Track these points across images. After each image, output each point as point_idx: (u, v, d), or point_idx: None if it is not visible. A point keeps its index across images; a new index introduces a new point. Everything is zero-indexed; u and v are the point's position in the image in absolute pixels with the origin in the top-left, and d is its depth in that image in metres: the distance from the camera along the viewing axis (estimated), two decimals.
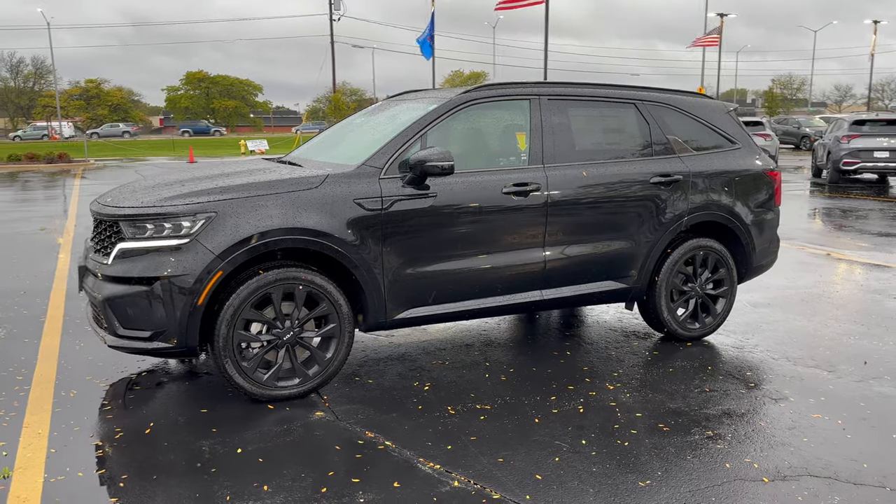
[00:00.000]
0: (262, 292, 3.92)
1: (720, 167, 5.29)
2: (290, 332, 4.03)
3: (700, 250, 5.22)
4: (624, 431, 3.75)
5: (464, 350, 5.06)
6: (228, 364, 3.90)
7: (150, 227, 3.84)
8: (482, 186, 4.45)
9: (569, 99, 4.90)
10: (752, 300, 6.50)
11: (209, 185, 4.03)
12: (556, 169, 4.70)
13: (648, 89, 5.31)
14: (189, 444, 3.55)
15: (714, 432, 3.75)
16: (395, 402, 4.10)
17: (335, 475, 3.26)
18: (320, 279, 4.05)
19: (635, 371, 4.66)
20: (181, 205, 3.86)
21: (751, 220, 5.39)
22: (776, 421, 3.91)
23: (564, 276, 4.79)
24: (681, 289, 5.24)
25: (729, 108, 5.62)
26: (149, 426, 3.76)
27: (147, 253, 3.82)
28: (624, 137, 5.13)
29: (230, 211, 3.87)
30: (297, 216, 3.96)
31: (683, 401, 4.17)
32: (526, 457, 3.45)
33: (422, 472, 3.30)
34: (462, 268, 4.43)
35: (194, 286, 3.77)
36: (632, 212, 4.93)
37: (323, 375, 4.15)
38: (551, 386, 4.37)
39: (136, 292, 3.80)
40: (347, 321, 4.16)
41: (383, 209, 4.17)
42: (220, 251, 3.80)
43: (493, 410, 3.99)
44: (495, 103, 4.74)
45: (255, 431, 3.69)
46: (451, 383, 4.40)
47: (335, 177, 4.16)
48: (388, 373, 4.59)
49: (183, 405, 4.05)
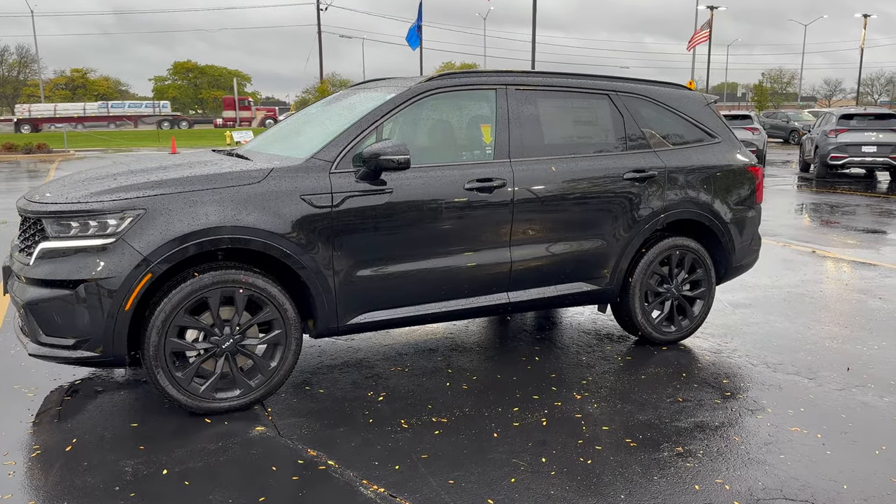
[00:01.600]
0: (198, 296, 3.61)
1: (698, 162, 5.01)
2: (229, 339, 3.73)
3: (676, 250, 4.94)
4: (588, 447, 3.47)
5: (426, 355, 4.77)
6: (160, 374, 3.59)
7: (75, 224, 3.52)
8: (443, 181, 4.15)
9: (538, 89, 4.60)
10: (733, 300, 6.24)
11: (141, 180, 3.70)
12: (524, 163, 4.40)
13: (623, 80, 5.02)
14: (111, 463, 3.25)
15: (685, 448, 3.48)
16: (344, 415, 3.80)
17: (266, 500, 2.96)
18: (263, 282, 3.74)
19: (605, 378, 4.38)
20: (107, 201, 3.54)
21: (730, 217, 5.12)
22: (752, 435, 3.64)
23: (532, 277, 4.50)
24: (656, 290, 4.96)
25: (709, 101, 5.34)
26: (71, 443, 3.45)
27: (71, 253, 3.50)
28: (596, 130, 4.85)
29: (161, 208, 3.55)
30: (235, 214, 3.64)
31: (654, 412, 3.90)
32: (479, 478, 3.17)
33: (363, 496, 3.01)
34: (421, 269, 4.13)
35: (120, 290, 3.46)
36: (604, 209, 4.65)
37: (267, 386, 3.85)
38: (515, 395, 4.09)
39: (58, 296, 3.48)
40: (294, 327, 3.86)
41: (333, 206, 3.87)
42: (149, 252, 3.48)
43: (449, 424, 3.71)
44: (458, 93, 4.43)
45: (185, 449, 3.39)
46: (409, 393, 4.11)
47: (281, 171, 3.85)
48: (341, 381, 4.30)
49: (113, 418, 3.74)
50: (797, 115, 36.64)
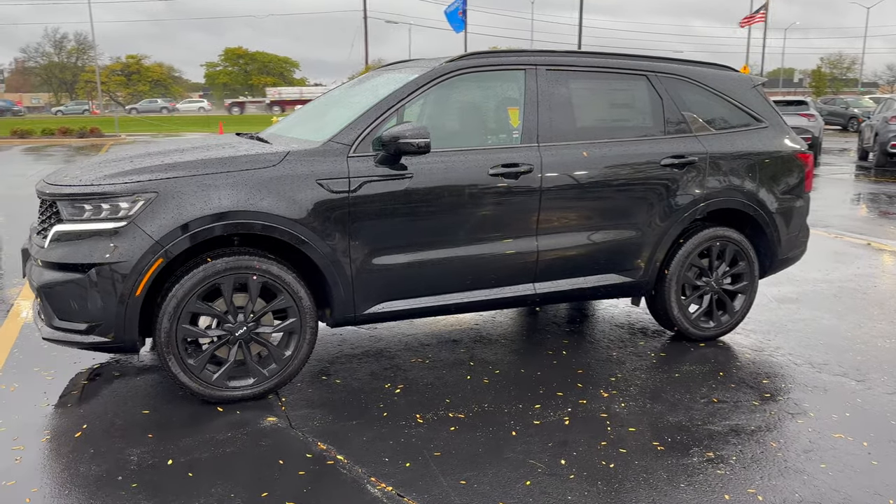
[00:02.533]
0: (210, 283, 3.52)
1: (743, 148, 4.72)
2: (243, 326, 3.63)
3: (717, 241, 4.67)
4: (611, 450, 3.27)
5: (449, 346, 4.61)
6: (172, 361, 3.52)
7: (88, 207, 3.46)
8: (466, 167, 3.97)
9: (571, 69, 4.37)
10: (779, 295, 5.92)
11: (155, 162, 3.62)
12: (553, 148, 4.19)
13: (663, 60, 4.75)
14: (118, 451, 3.18)
15: (716, 454, 3.25)
16: (359, 407, 3.68)
17: (269, 496, 2.85)
18: (277, 269, 3.63)
19: (636, 376, 4.16)
20: (120, 184, 3.46)
21: (776, 207, 4.81)
22: (791, 441, 3.40)
23: (560, 268, 4.29)
24: (694, 283, 4.70)
25: (756, 83, 5.02)
26: (81, 428, 3.40)
27: (83, 237, 3.44)
28: (633, 113, 4.60)
29: (173, 191, 3.46)
30: (248, 198, 3.53)
31: (686, 413, 3.67)
32: (493, 479, 3.01)
33: (369, 495, 2.88)
34: (442, 258, 3.97)
35: (131, 275, 3.38)
36: (639, 197, 4.40)
37: (281, 375, 3.74)
38: (538, 391, 3.90)
39: (71, 280, 3.43)
40: (309, 315, 3.74)
41: (350, 191, 3.72)
42: (160, 236, 3.39)
43: (466, 420, 3.55)
44: (485, 73, 4.23)
45: (194, 439, 3.31)
46: (427, 386, 3.96)
47: (297, 154, 3.72)
48: (360, 371, 4.17)
49: (126, 405, 3.68)
50: (857, 101, 35.15)
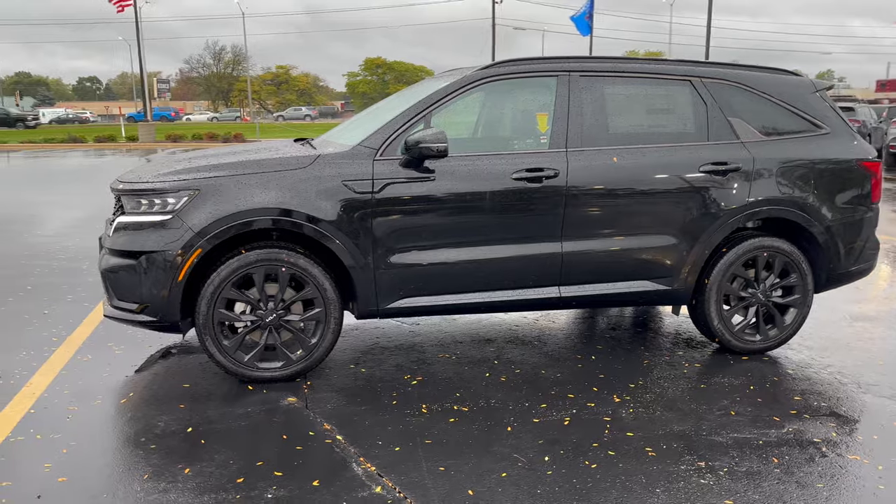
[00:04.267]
0: (243, 272, 3.89)
1: (797, 155, 4.54)
2: (273, 313, 3.97)
3: (764, 251, 4.52)
4: (600, 452, 3.31)
5: (481, 345, 4.76)
6: (208, 341, 3.92)
7: (144, 202, 3.93)
8: (489, 171, 4.11)
9: (606, 75, 4.40)
10: (857, 312, 5.58)
11: (203, 163, 4.04)
12: (581, 154, 4.24)
13: (710, 65, 4.66)
14: (150, 417, 3.60)
15: (708, 464, 3.21)
16: (373, 395, 3.91)
17: (263, 465, 3.14)
18: (305, 262, 3.94)
19: (658, 384, 4.12)
20: (169, 181, 3.90)
21: (835, 218, 4.58)
22: (796, 458, 3.28)
23: (587, 273, 4.33)
24: (738, 294, 4.57)
25: (818, 87, 4.79)
26: (128, 396, 3.87)
27: (138, 227, 3.91)
28: (672, 119, 4.55)
29: (213, 189, 3.86)
30: (279, 196, 3.87)
31: (695, 423, 3.62)
32: (472, 468, 3.14)
33: (352, 472, 3.10)
34: (462, 258, 4.13)
35: (174, 262, 3.81)
36: (673, 204, 4.35)
37: (308, 360, 4.05)
38: (550, 392, 3.97)
39: (126, 265, 3.90)
40: (334, 306, 4.02)
41: (374, 192, 3.98)
42: (199, 228, 3.80)
43: (468, 413, 3.69)
44: (516, 80, 4.35)
45: (217, 412, 3.68)
46: (444, 380, 4.14)
47: (327, 157, 4.03)
48: (387, 362, 4.41)
49: (173, 378, 4.13)
50: None
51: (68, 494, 2.90)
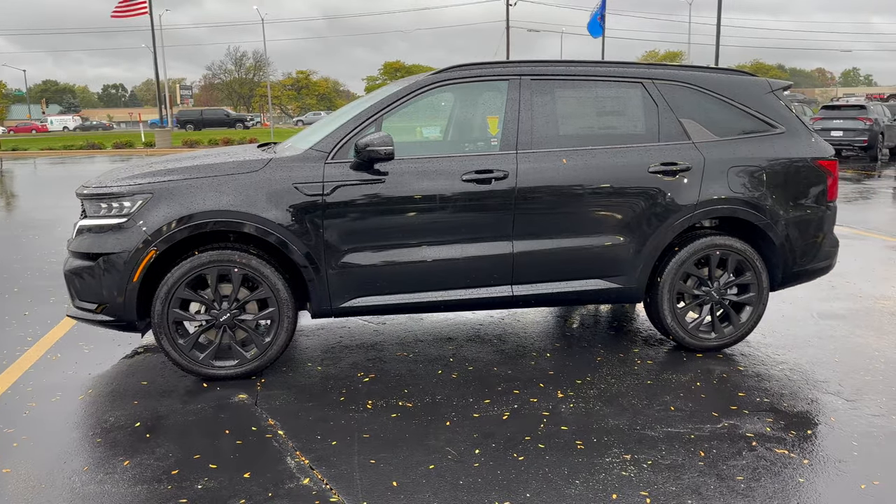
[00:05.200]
0: (197, 273, 4.02)
1: (749, 155, 4.58)
2: (226, 313, 4.10)
3: (716, 249, 4.57)
4: (531, 445, 3.39)
5: (441, 343, 4.86)
6: (164, 340, 4.06)
7: (103, 206, 4.08)
8: (439, 173, 4.21)
9: (557, 79, 4.49)
10: (826, 310, 5.59)
11: (160, 168, 4.19)
12: (530, 155, 4.33)
13: (663, 66, 4.72)
14: (102, 413, 3.75)
15: (634, 457, 3.28)
16: (323, 392, 4.03)
17: (200, 458, 3.27)
18: (257, 262, 4.07)
19: (605, 380, 4.19)
20: (126, 186, 4.06)
21: (790, 216, 4.62)
22: (722, 452, 3.33)
23: (539, 272, 4.41)
24: (692, 292, 4.62)
25: (774, 87, 4.83)
26: (87, 392, 4.02)
27: (97, 231, 4.06)
28: (623, 121, 4.61)
29: (166, 192, 4.00)
30: (228, 199, 4.00)
31: (631, 418, 3.69)
32: (402, 461, 3.24)
33: (284, 466, 3.22)
34: (414, 258, 4.23)
35: (129, 264, 3.95)
36: (623, 204, 4.42)
37: (262, 359, 4.18)
38: (496, 388, 4.06)
39: (86, 266, 4.06)
40: (287, 306, 4.14)
41: (324, 194, 4.10)
42: (153, 231, 3.94)
43: (411, 409, 3.79)
44: (467, 84, 4.45)
45: (167, 408, 3.81)
46: (396, 377, 4.24)
47: (279, 160, 4.15)
48: (344, 361, 4.53)
49: (133, 376, 4.27)
50: None
51: (9, 484, 3.05)
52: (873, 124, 19.52)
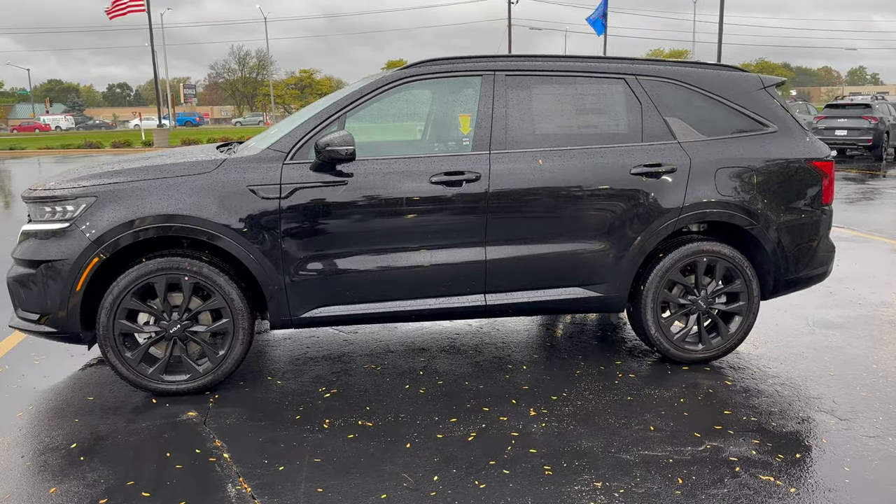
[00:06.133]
0: (144, 281, 3.76)
1: (739, 155, 4.31)
2: (177, 324, 3.84)
3: (703, 256, 4.29)
4: (494, 470, 3.12)
5: (412, 354, 4.59)
6: (110, 353, 3.80)
7: (47, 209, 3.83)
8: (406, 174, 3.95)
9: (534, 74, 4.22)
10: (822, 318, 5.31)
11: (107, 169, 3.93)
12: (505, 156, 4.06)
13: (647, 62, 4.45)
14: (38, 432, 3.50)
15: (605, 484, 3.01)
16: (278, 409, 3.76)
17: (133, 485, 3.01)
18: (209, 270, 3.81)
19: (582, 396, 3.92)
20: (69, 189, 3.80)
21: (781, 220, 4.34)
22: (702, 479, 3.06)
23: (514, 280, 4.14)
24: (678, 301, 4.35)
25: (766, 84, 4.55)
26: (27, 409, 3.77)
27: (39, 236, 3.81)
28: (604, 119, 4.34)
29: (110, 196, 3.74)
30: (176, 202, 3.74)
31: (606, 439, 3.42)
32: (352, 489, 2.98)
33: (224, 494, 2.95)
34: (380, 266, 3.97)
35: (71, 272, 3.70)
36: (603, 208, 4.15)
37: (215, 373, 3.92)
38: (465, 405, 3.80)
39: (28, 274, 3.80)
40: (242, 317, 3.88)
41: (282, 197, 3.83)
42: (96, 237, 3.68)
43: (371, 429, 3.53)
44: (438, 80, 4.18)
45: (110, 427, 3.56)
46: (360, 392, 3.98)
47: (233, 161, 3.89)
48: (306, 374, 4.26)
49: (80, 391, 4.02)
50: None
51: None
52: (878, 123, 19.26)
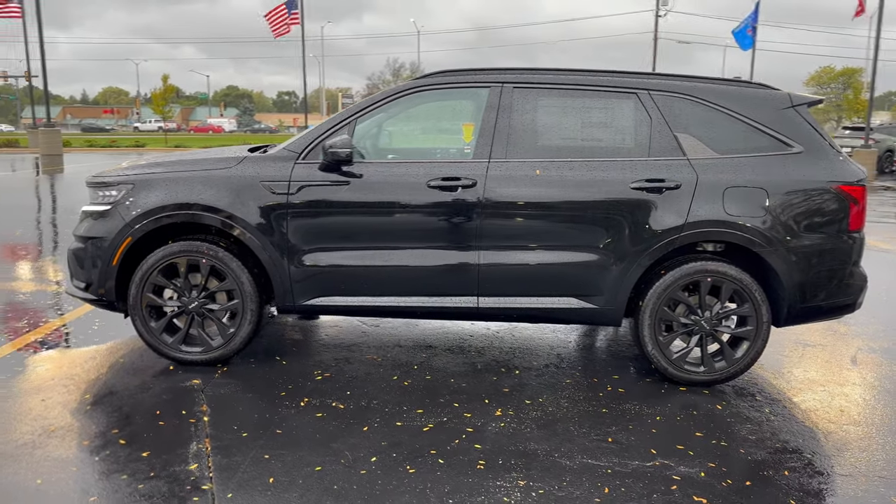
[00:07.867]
0: (168, 261, 4.26)
1: (752, 175, 4.18)
2: (195, 301, 4.31)
3: (707, 276, 4.20)
4: (431, 460, 3.29)
5: (417, 350, 4.81)
6: (137, 322, 4.33)
7: (99, 194, 4.43)
8: (405, 178, 4.20)
9: (542, 87, 4.33)
10: (870, 348, 4.97)
11: (150, 161, 4.49)
12: (502, 165, 4.20)
13: (663, 77, 4.42)
14: (68, 383, 4.06)
15: (528, 483, 3.09)
16: (270, 385, 4.12)
17: (116, 433, 3.46)
18: (224, 255, 4.24)
19: (557, 404, 3.98)
20: (115, 177, 4.38)
21: (797, 246, 4.16)
22: (627, 494, 3.07)
23: (506, 285, 4.27)
24: (679, 320, 4.28)
25: (794, 103, 4.36)
26: (65, 365, 4.37)
27: (91, 216, 4.41)
28: (610, 133, 4.36)
29: (144, 184, 4.27)
30: (199, 193, 4.20)
31: (556, 444, 3.48)
32: (293, 460, 3.26)
33: (185, 450, 3.33)
34: (378, 262, 4.24)
35: (109, 248, 4.26)
36: (599, 221, 4.18)
37: (225, 348, 4.34)
38: (438, 400, 3.97)
39: (80, 248, 4.42)
40: (251, 299, 4.29)
41: (290, 193, 4.20)
42: (130, 220, 4.22)
43: (341, 411, 3.80)
44: (447, 91, 4.39)
45: (124, 384, 4.07)
46: (349, 378, 4.26)
47: (252, 158, 4.31)
48: (313, 357, 4.61)
49: (118, 353, 4.59)
50: None
51: None
52: None
